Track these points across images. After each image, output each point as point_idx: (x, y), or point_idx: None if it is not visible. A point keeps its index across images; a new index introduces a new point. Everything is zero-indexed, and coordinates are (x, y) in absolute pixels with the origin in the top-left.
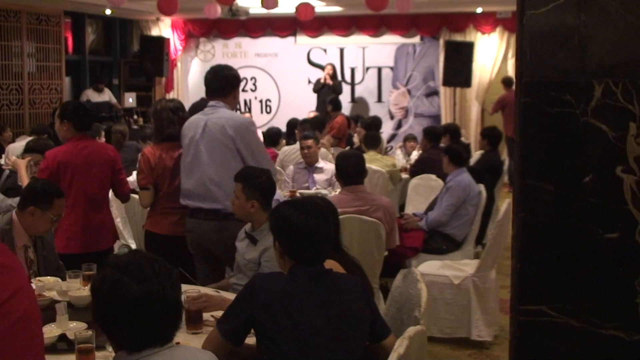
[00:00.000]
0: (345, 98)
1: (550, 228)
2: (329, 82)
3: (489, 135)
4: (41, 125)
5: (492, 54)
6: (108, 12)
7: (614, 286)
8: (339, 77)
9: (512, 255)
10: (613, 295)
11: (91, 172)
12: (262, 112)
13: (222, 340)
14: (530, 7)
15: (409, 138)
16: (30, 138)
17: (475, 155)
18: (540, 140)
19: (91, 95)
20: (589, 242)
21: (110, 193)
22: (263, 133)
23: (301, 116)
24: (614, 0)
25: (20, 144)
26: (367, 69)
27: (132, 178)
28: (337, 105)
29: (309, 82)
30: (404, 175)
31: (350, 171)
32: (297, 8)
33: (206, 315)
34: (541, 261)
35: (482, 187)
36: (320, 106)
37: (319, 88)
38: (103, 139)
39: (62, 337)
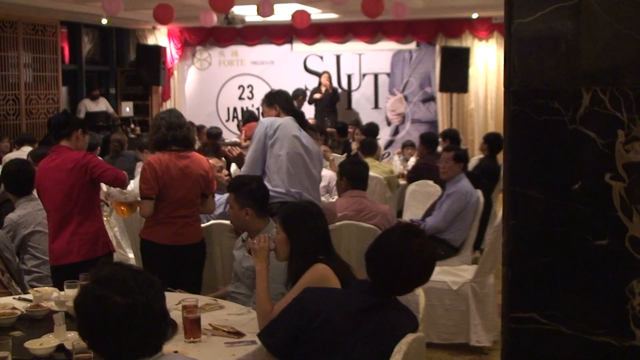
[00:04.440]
0: (342, 105)
1: (540, 235)
2: (329, 89)
3: (491, 142)
4: (24, 136)
5: (488, 59)
6: (104, 21)
7: (604, 293)
8: (336, 84)
9: (502, 262)
10: (603, 301)
11: (55, 185)
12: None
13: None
14: (518, 16)
15: (407, 145)
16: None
17: (473, 160)
18: (529, 148)
19: (88, 105)
20: (579, 249)
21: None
22: None
23: None
24: (601, 8)
25: (14, 154)
26: (364, 75)
27: (130, 187)
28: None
29: (306, 89)
30: (402, 182)
31: (363, 175)
32: (293, 15)
33: (204, 324)
34: (531, 268)
35: (479, 192)
36: (318, 113)
37: (315, 100)
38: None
39: (60, 348)
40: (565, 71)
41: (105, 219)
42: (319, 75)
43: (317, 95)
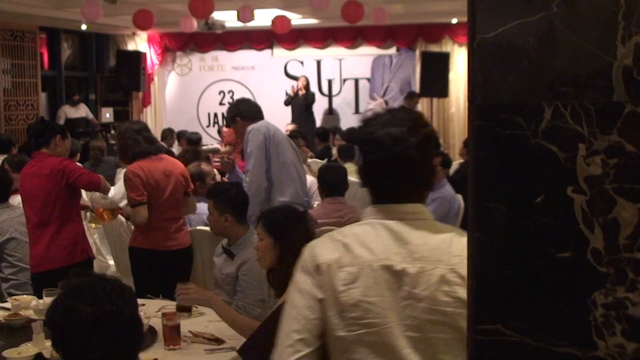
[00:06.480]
0: (322, 110)
1: (504, 248)
2: (302, 92)
3: None
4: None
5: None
6: (84, 27)
7: (568, 304)
8: (317, 89)
9: (467, 274)
10: (567, 313)
11: (33, 191)
12: None
13: None
14: (481, 32)
15: None
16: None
17: (453, 165)
18: (493, 162)
19: (68, 111)
20: (543, 262)
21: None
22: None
23: None
24: (562, 24)
25: None
26: (344, 80)
27: (111, 193)
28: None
29: (287, 94)
30: None
31: (335, 183)
32: (273, 21)
33: (184, 331)
34: (496, 280)
35: (460, 197)
36: (295, 118)
37: (290, 100)
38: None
39: (39, 356)
40: (527, 86)
41: (92, 225)
42: (297, 79)
43: (292, 91)
